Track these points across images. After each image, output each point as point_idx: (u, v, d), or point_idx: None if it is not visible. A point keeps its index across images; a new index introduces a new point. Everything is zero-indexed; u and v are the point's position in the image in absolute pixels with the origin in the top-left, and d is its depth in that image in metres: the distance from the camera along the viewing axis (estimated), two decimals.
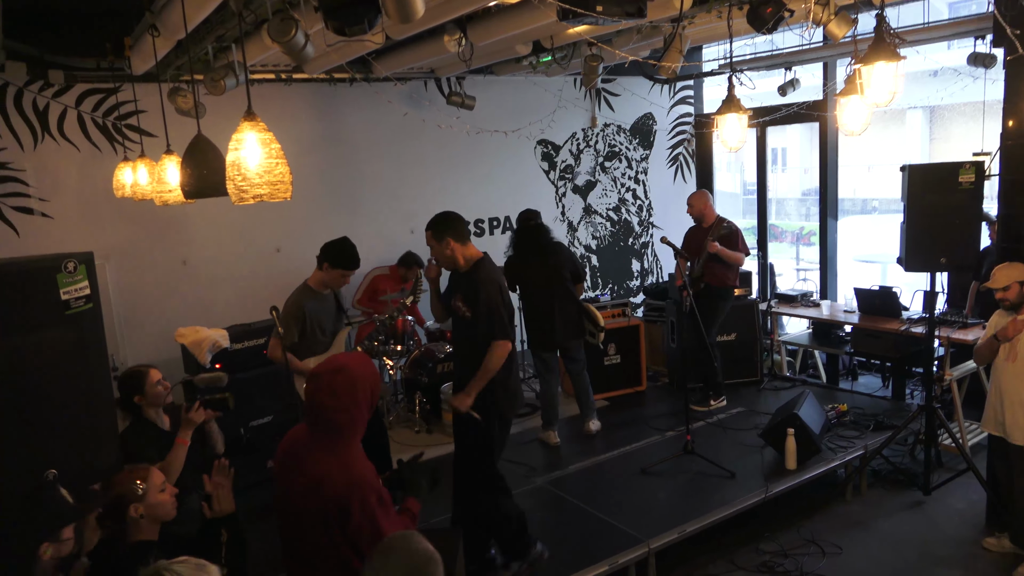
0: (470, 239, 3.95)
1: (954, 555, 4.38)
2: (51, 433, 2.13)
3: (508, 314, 3.83)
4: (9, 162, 5.44)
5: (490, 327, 3.76)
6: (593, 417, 5.86)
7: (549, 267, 5.44)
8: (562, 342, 5.58)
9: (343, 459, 2.49)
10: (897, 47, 3.09)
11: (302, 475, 2.50)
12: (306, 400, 2.56)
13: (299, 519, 2.52)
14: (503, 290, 3.86)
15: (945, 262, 4.71)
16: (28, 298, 2.11)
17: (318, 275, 4.43)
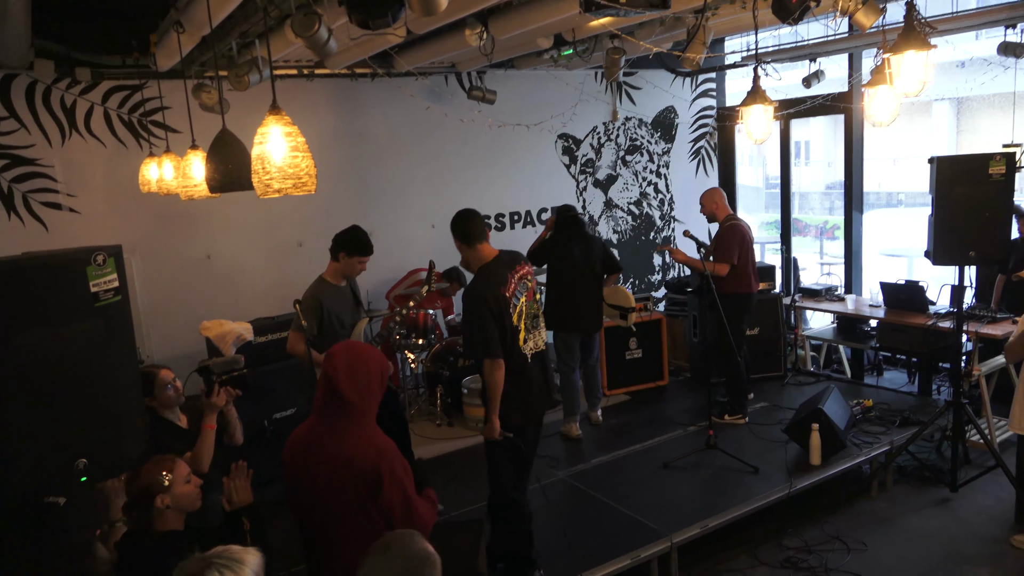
0: (479, 239, 3.75)
1: (981, 553, 4.32)
2: (81, 423, 2.16)
3: (499, 328, 3.58)
4: (38, 158, 5.52)
5: (471, 349, 3.71)
6: (597, 408, 5.96)
7: (584, 255, 5.52)
8: (585, 328, 5.61)
9: (367, 433, 2.59)
10: (928, 36, 3.04)
11: (328, 459, 2.53)
12: (321, 380, 2.60)
13: (330, 503, 2.55)
14: (494, 301, 3.57)
15: (975, 255, 4.63)
16: (59, 290, 2.14)
17: (334, 267, 4.44)
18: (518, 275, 3.72)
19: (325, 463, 2.54)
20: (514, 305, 3.66)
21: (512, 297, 3.66)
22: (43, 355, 2.09)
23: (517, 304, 3.67)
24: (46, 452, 2.09)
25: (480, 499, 4.76)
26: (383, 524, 2.55)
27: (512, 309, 3.64)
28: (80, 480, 2.18)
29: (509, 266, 3.72)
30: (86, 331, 2.18)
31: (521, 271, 3.76)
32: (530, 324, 3.76)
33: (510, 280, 3.67)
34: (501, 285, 3.63)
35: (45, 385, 2.10)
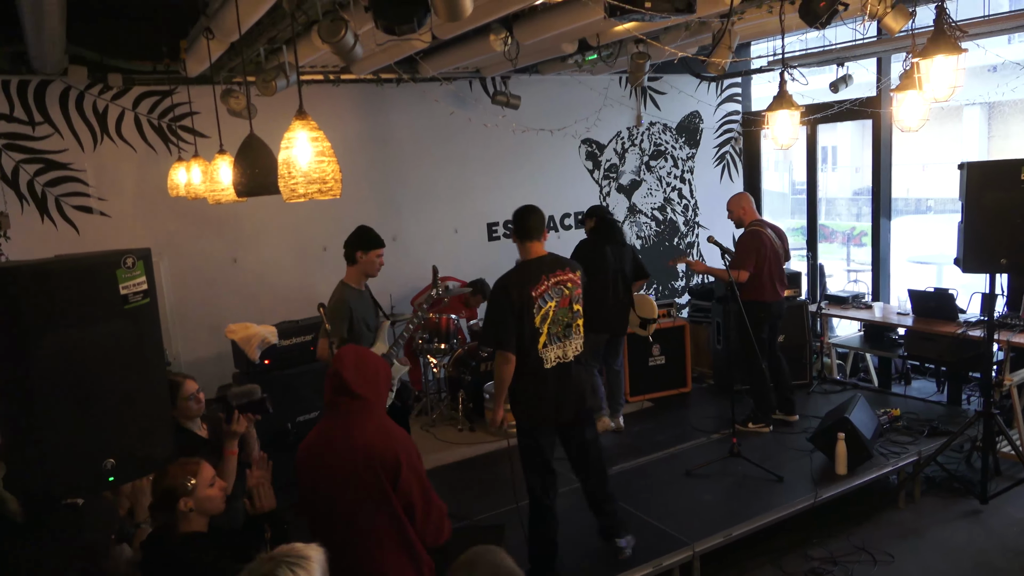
0: (530, 237, 3.79)
1: (1012, 566, 4.23)
2: (109, 424, 2.19)
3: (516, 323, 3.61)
4: (71, 163, 5.63)
5: (485, 338, 3.79)
6: (619, 416, 5.92)
7: (616, 258, 5.55)
8: (616, 328, 5.64)
9: (381, 424, 2.67)
10: (959, 40, 2.99)
11: (347, 452, 2.58)
12: (332, 379, 2.66)
13: (352, 499, 2.57)
14: (516, 296, 3.61)
15: (1006, 263, 4.53)
16: (89, 293, 2.16)
17: (353, 270, 4.46)
18: (555, 279, 3.71)
19: (344, 457, 2.57)
20: (539, 307, 3.64)
21: (539, 298, 3.64)
22: (73, 356, 2.12)
23: (543, 307, 3.65)
24: (75, 452, 2.12)
25: (500, 504, 4.77)
26: (404, 515, 2.59)
27: (536, 311, 3.63)
28: (108, 480, 2.21)
29: (549, 269, 3.72)
30: (115, 333, 2.21)
31: (562, 276, 3.74)
32: (559, 332, 3.73)
33: (543, 281, 3.67)
34: (531, 284, 3.64)
35: (74, 386, 2.13)
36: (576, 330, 3.81)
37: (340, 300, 4.37)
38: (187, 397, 3.36)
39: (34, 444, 2.09)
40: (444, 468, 5.48)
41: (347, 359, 2.68)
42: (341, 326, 4.29)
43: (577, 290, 3.80)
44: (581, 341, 3.84)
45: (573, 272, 3.81)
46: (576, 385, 3.82)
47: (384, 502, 2.57)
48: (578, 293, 3.80)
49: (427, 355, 6.30)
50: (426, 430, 6.20)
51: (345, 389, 2.63)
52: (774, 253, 5.63)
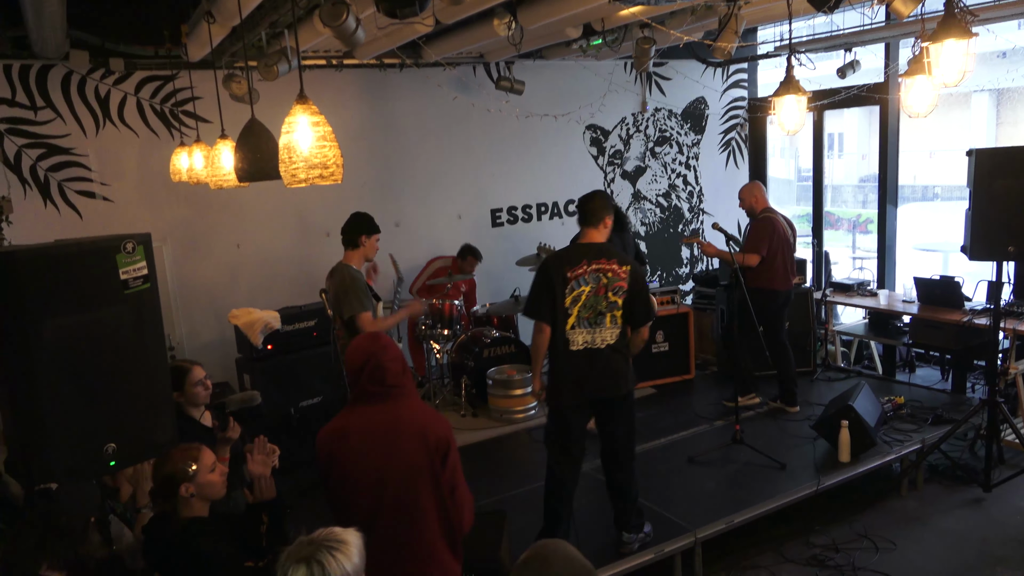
0: (586, 223, 3.89)
1: (1015, 555, 4.22)
2: (110, 408, 2.20)
3: (550, 298, 3.74)
4: (73, 148, 5.62)
5: (526, 307, 3.93)
6: None
7: (621, 245, 5.42)
8: None
9: (424, 406, 2.76)
10: (969, 24, 2.95)
11: (410, 434, 2.61)
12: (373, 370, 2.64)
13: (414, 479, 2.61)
14: (555, 273, 3.75)
15: (1014, 251, 4.50)
16: (89, 277, 2.17)
17: (356, 254, 4.54)
18: (595, 266, 3.77)
19: (409, 438, 2.61)
20: (572, 289, 3.73)
21: (574, 280, 3.74)
22: (73, 341, 2.13)
23: (576, 289, 3.74)
24: (76, 436, 2.13)
25: (503, 490, 4.78)
26: (447, 489, 2.65)
27: (569, 291, 3.73)
28: (109, 464, 2.21)
29: (592, 255, 3.79)
30: (115, 318, 2.21)
31: (604, 265, 3.77)
32: (589, 317, 3.77)
33: (582, 265, 3.76)
34: (569, 265, 3.75)
35: (75, 370, 2.13)
36: (610, 320, 3.80)
37: (354, 278, 4.45)
38: (195, 383, 3.37)
39: (35, 428, 2.09)
40: None
41: (389, 349, 2.70)
42: (366, 300, 4.40)
43: (618, 282, 3.78)
44: (616, 332, 3.82)
45: (619, 265, 3.80)
46: (601, 373, 3.83)
47: (434, 481, 2.63)
48: (619, 285, 3.78)
49: (430, 341, 6.30)
50: None
51: (390, 377, 2.67)
52: (786, 242, 5.63)
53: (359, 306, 4.35)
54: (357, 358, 2.66)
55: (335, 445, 2.64)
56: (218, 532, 2.61)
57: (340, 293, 4.41)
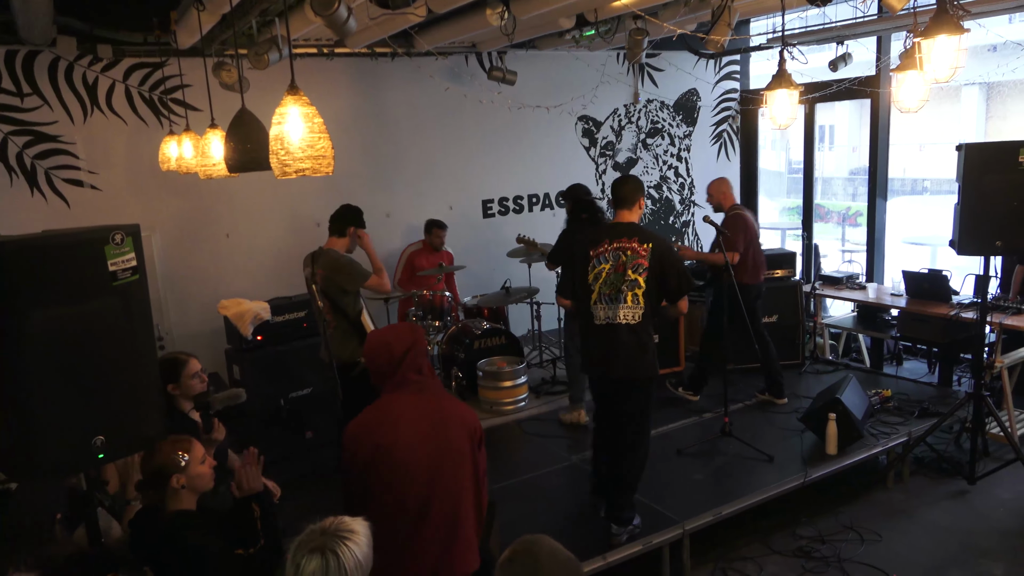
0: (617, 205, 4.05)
1: (998, 547, 4.28)
2: (99, 401, 2.18)
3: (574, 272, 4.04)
4: (60, 135, 5.56)
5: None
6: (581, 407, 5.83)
7: None
8: None
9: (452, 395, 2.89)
10: (961, 19, 2.95)
11: (456, 421, 2.67)
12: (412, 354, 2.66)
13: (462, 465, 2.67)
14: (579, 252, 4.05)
15: (1002, 246, 4.52)
16: (77, 269, 2.14)
17: (341, 242, 4.64)
18: (616, 244, 3.93)
19: (455, 426, 2.67)
20: (594, 266, 3.95)
21: (595, 258, 3.95)
22: (61, 333, 2.10)
23: (598, 266, 3.94)
24: (63, 430, 2.11)
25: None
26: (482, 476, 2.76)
27: (591, 268, 3.95)
28: (98, 457, 2.20)
29: (615, 235, 3.97)
30: (104, 310, 2.18)
31: (624, 244, 3.92)
32: (609, 293, 3.91)
33: (603, 244, 3.96)
34: (592, 244, 3.99)
35: (63, 363, 2.11)
36: (631, 298, 3.87)
37: (350, 260, 4.59)
38: (192, 375, 3.34)
39: (22, 422, 2.08)
40: None
41: (420, 341, 2.71)
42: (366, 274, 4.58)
43: (638, 259, 3.87)
44: (638, 311, 3.87)
45: (640, 243, 3.90)
46: (618, 349, 3.91)
47: (473, 465, 2.72)
48: (639, 263, 3.86)
49: None
50: None
51: (428, 366, 2.73)
52: (756, 237, 5.70)
53: (365, 272, 4.54)
54: (399, 346, 2.64)
55: (383, 436, 2.58)
56: (206, 525, 2.61)
57: (336, 271, 4.48)
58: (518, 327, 7.45)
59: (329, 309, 4.55)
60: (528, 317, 7.15)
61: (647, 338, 3.91)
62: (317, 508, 4.31)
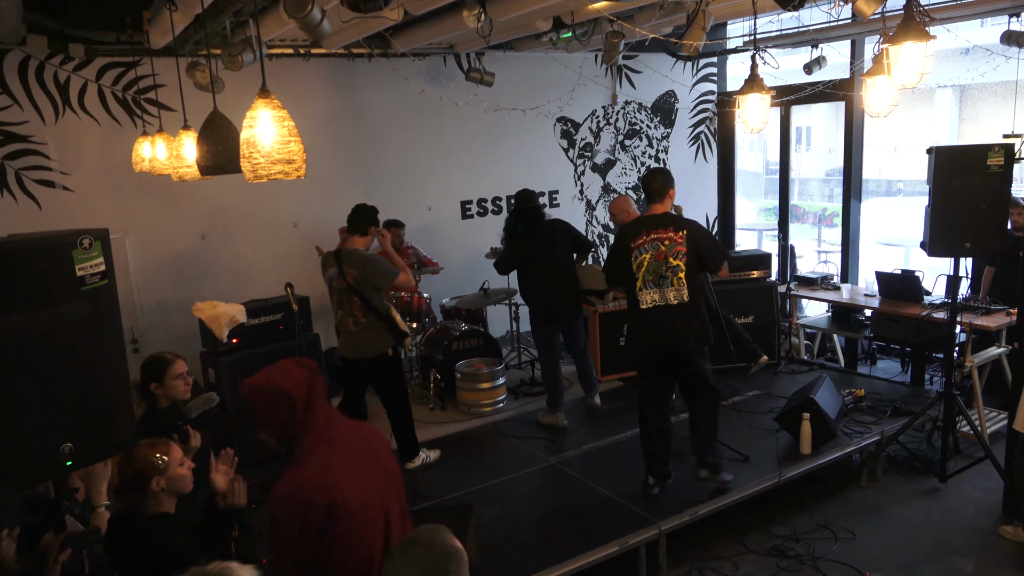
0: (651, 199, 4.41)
1: (969, 543, 4.34)
2: (67, 407, 2.15)
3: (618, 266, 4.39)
4: (31, 135, 5.48)
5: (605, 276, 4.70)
6: (595, 393, 5.93)
7: (546, 246, 5.44)
8: (565, 317, 5.58)
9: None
10: (927, 25, 3.00)
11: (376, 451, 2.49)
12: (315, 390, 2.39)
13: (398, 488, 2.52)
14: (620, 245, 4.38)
15: (970, 247, 4.60)
16: (44, 274, 2.11)
17: (365, 240, 4.78)
18: (653, 235, 4.27)
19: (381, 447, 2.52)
20: (635, 257, 4.28)
21: (637, 250, 4.28)
22: (28, 339, 2.07)
23: (639, 257, 4.27)
24: (31, 437, 2.08)
25: (471, 483, 4.80)
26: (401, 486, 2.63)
27: (633, 259, 4.28)
28: (66, 464, 2.17)
29: (652, 226, 4.31)
30: (72, 315, 2.16)
31: (661, 234, 4.27)
32: (653, 280, 4.27)
33: (643, 236, 4.29)
34: (632, 237, 4.32)
35: (30, 369, 2.08)
36: (676, 282, 4.25)
37: (382, 258, 4.81)
38: (176, 376, 3.35)
39: None
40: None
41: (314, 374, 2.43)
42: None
43: (677, 247, 4.25)
44: (683, 292, 4.24)
45: (676, 232, 4.27)
46: (671, 325, 4.27)
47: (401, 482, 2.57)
48: (678, 250, 4.24)
49: None
50: None
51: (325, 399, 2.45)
52: None
53: (395, 270, 4.73)
54: (298, 390, 2.33)
55: (333, 491, 2.26)
56: (184, 528, 2.60)
57: (370, 269, 4.66)
58: (496, 328, 7.46)
59: (360, 307, 4.67)
60: (506, 318, 7.16)
61: (697, 312, 4.28)
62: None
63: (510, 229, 5.64)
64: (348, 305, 4.70)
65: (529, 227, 5.46)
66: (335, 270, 4.70)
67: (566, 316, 5.58)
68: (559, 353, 5.72)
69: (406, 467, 5.03)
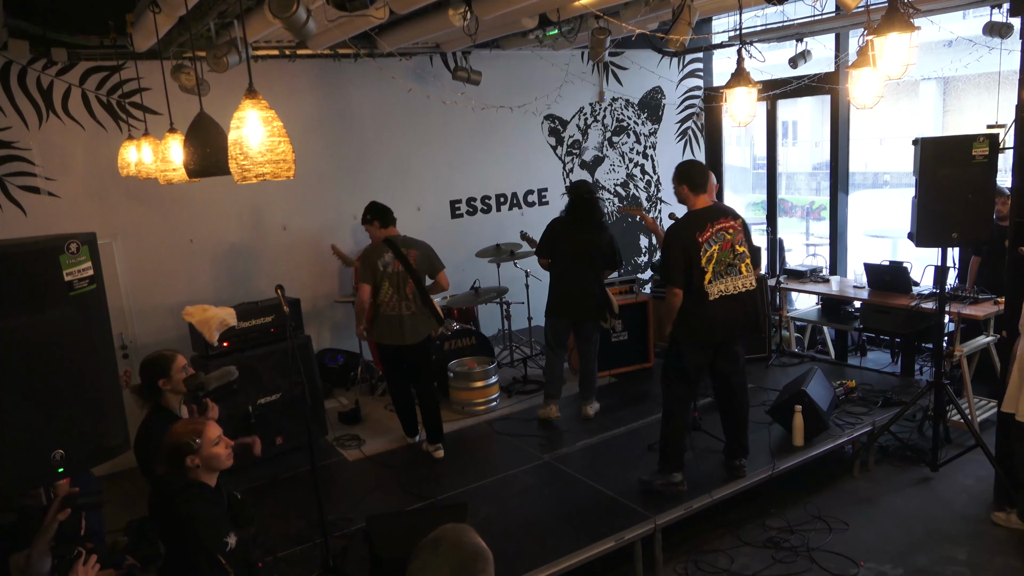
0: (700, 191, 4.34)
1: (961, 531, 4.38)
2: (57, 414, 2.13)
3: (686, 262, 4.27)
4: (14, 141, 5.43)
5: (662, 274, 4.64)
6: (592, 401, 5.82)
7: (585, 242, 5.45)
8: (578, 315, 5.56)
9: None
10: (911, 17, 3.02)
11: None
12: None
13: None
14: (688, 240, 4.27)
15: (957, 237, 4.64)
16: (32, 279, 2.09)
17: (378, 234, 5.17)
18: (718, 226, 4.29)
19: None
20: (705, 250, 4.25)
21: (705, 243, 4.26)
22: (16, 345, 2.05)
23: (709, 250, 4.26)
24: (21, 444, 2.06)
25: (465, 482, 4.80)
26: None
27: (703, 252, 4.24)
28: (57, 471, 2.15)
29: (713, 217, 4.30)
30: (60, 321, 2.14)
31: (724, 224, 4.31)
32: (722, 270, 4.30)
33: (708, 228, 4.27)
34: (697, 230, 4.26)
35: (18, 375, 2.06)
36: (745, 268, 4.37)
37: None
38: (180, 369, 3.39)
39: None
40: (408, 448, 5.49)
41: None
42: None
43: (739, 235, 4.35)
44: (751, 278, 4.39)
45: (734, 220, 4.38)
46: (735, 314, 4.36)
47: None
48: (740, 237, 4.36)
49: None
50: (390, 410, 6.17)
51: None
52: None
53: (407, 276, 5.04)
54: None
55: None
56: (215, 499, 2.76)
57: (430, 254, 5.13)
58: (488, 327, 7.45)
59: (413, 291, 4.98)
60: (498, 317, 7.16)
61: (759, 296, 4.49)
62: (286, 513, 4.28)
63: (566, 210, 5.63)
64: (404, 289, 4.98)
65: (580, 216, 5.47)
66: (391, 255, 4.99)
67: (579, 313, 5.56)
68: (563, 348, 5.72)
69: (432, 453, 5.26)
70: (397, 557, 3.60)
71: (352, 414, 6.01)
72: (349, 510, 4.51)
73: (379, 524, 3.89)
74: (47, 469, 2.13)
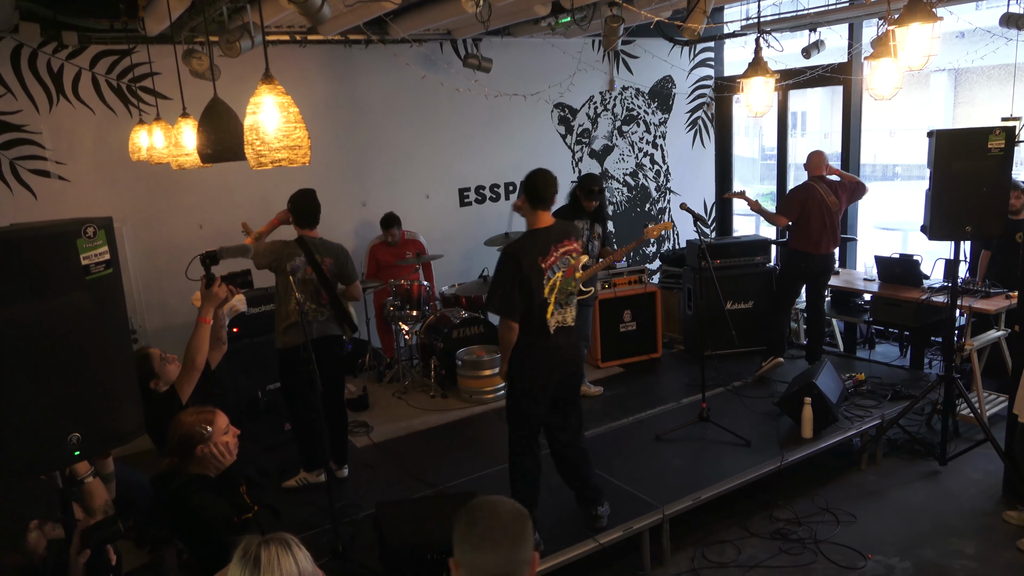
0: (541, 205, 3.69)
1: (969, 526, 4.37)
2: (73, 397, 2.14)
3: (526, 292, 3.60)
4: (25, 124, 5.42)
5: (490, 303, 3.74)
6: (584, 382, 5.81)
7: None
8: None
9: None
10: (933, 7, 2.98)
11: None
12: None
13: None
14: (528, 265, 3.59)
15: (971, 231, 4.61)
16: (49, 263, 2.09)
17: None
18: (563, 250, 3.71)
19: None
20: (548, 278, 3.65)
21: (548, 270, 3.65)
22: (33, 329, 2.05)
23: (552, 278, 3.66)
24: (38, 428, 2.07)
25: (473, 470, 4.80)
26: None
27: (545, 281, 3.64)
28: (74, 455, 2.16)
29: (557, 239, 3.70)
30: (77, 305, 2.14)
31: (568, 247, 3.74)
32: (563, 299, 3.73)
33: (552, 252, 3.66)
34: (540, 255, 3.63)
35: (36, 359, 2.06)
36: (575, 298, 3.84)
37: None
38: (160, 360, 3.44)
39: None
40: (416, 435, 5.49)
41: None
42: None
43: (581, 259, 3.83)
44: (574, 311, 3.85)
45: (577, 240, 3.83)
46: (572, 350, 3.88)
47: None
48: (580, 262, 3.82)
49: (398, 322, 6.27)
50: (398, 397, 6.20)
51: None
52: (824, 208, 5.88)
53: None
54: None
55: None
56: (219, 489, 2.74)
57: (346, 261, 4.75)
58: (496, 317, 7.44)
59: (327, 297, 4.64)
60: None
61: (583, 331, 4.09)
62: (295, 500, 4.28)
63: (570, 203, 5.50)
64: (316, 295, 4.61)
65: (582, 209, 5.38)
66: (301, 259, 4.60)
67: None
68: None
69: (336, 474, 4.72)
70: (406, 543, 3.62)
71: (360, 401, 6.02)
72: (358, 497, 4.52)
73: (388, 510, 3.91)
74: (64, 452, 2.14)
